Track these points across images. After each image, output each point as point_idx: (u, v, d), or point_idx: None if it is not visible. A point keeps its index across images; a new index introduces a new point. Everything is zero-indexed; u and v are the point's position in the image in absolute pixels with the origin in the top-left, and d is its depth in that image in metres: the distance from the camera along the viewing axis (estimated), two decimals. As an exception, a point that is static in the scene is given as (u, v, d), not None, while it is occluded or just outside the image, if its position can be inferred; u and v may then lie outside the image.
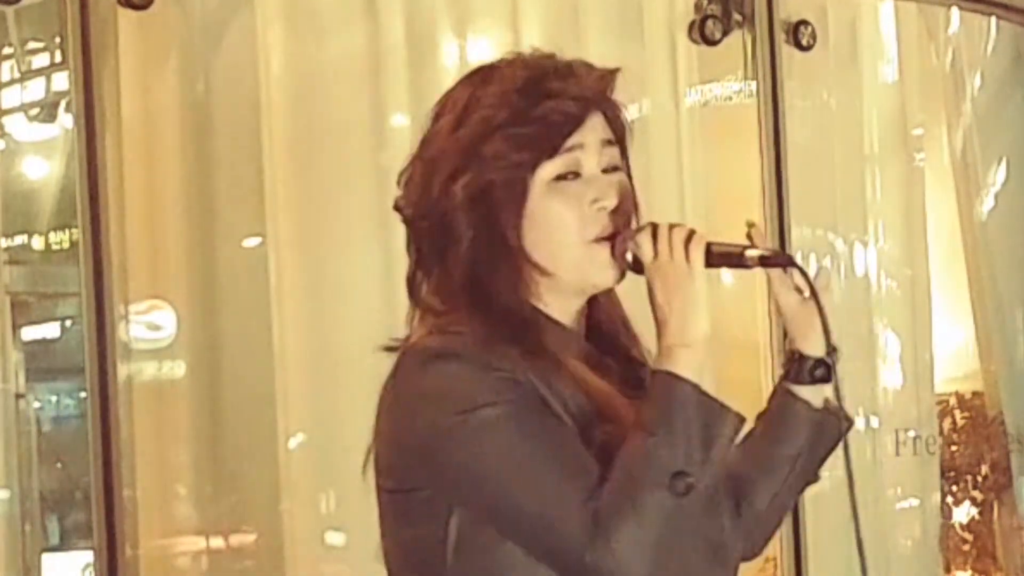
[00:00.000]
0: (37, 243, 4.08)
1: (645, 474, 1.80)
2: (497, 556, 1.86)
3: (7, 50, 3.79)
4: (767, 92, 4.20)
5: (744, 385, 4.30)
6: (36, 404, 4.36)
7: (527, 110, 1.91)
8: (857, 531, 2.08)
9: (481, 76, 1.97)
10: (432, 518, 1.89)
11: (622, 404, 1.90)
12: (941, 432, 4.90)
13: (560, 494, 1.81)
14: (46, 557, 4.23)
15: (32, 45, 3.85)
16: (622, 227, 1.94)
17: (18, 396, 3.69)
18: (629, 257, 1.94)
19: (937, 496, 4.77)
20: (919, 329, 4.67)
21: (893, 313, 4.65)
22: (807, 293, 2.07)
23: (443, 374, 1.88)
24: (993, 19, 4.88)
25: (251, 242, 3.64)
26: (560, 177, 1.92)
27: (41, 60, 3.87)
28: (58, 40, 3.54)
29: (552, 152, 1.91)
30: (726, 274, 4.55)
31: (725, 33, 4.17)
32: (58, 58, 3.63)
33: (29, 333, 4.30)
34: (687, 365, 1.88)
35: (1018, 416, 4.96)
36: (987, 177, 4.94)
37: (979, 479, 5.09)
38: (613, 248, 1.93)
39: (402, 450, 1.91)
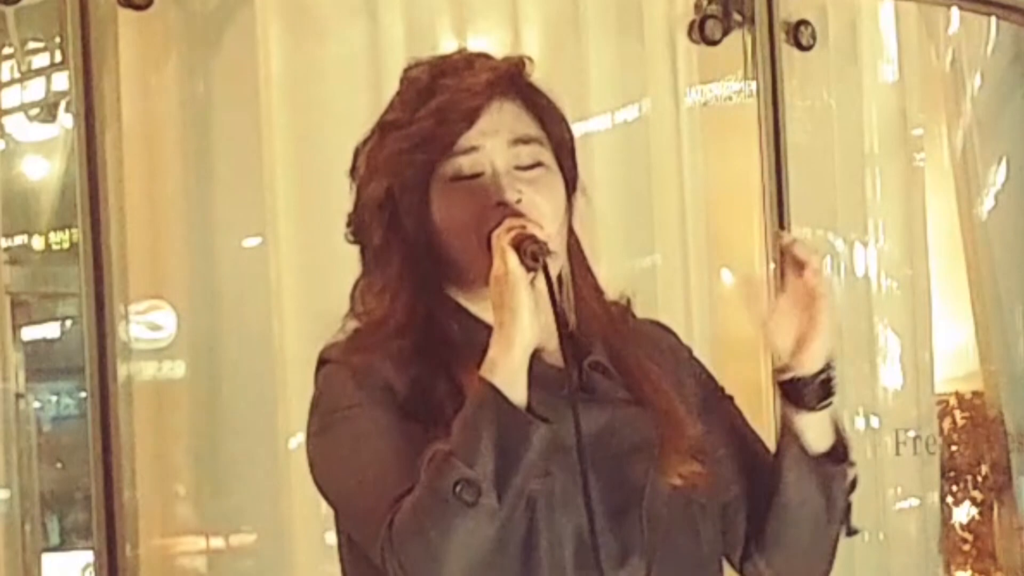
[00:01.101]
0: (37, 243, 4.08)
1: (433, 483, 1.72)
2: (369, 562, 1.84)
3: (7, 50, 3.79)
4: (767, 92, 4.20)
5: (744, 385, 4.30)
6: (36, 404, 4.37)
7: (418, 109, 1.87)
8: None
9: (395, 93, 1.96)
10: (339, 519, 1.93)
11: None
12: (941, 432, 4.90)
13: (373, 503, 1.78)
14: (46, 557, 4.23)
15: (32, 45, 3.84)
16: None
17: (18, 396, 3.69)
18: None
19: (937, 496, 4.77)
20: (919, 329, 4.67)
21: (893, 313, 4.64)
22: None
23: (321, 379, 1.92)
24: (993, 19, 4.88)
25: (251, 242, 3.64)
26: (458, 178, 1.87)
27: (41, 60, 3.87)
28: (58, 40, 3.54)
29: (446, 151, 1.86)
30: (726, 274, 4.58)
31: (725, 33, 4.17)
32: (58, 58, 3.63)
33: (29, 333, 4.30)
34: (500, 370, 1.75)
35: (1018, 416, 4.96)
36: (987, 177, 4.94)
37: (979, 479, 5.09)
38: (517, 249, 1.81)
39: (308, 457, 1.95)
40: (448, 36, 3.83)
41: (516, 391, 1.75)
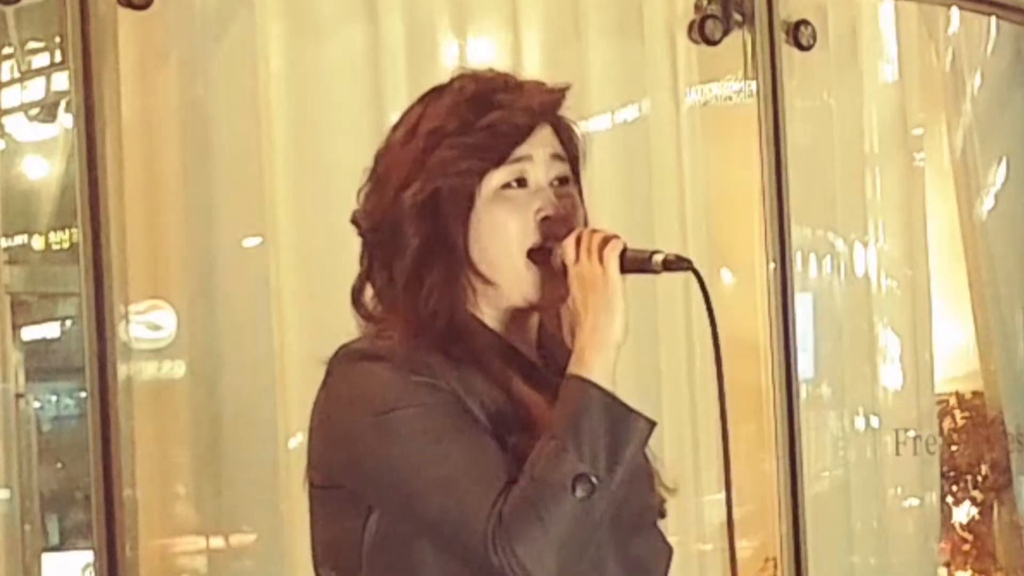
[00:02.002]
0: (37, 243, 4.08)
1: (548, 477, 1.81)
2: (412, 556, 1.89)
3: (7, 50, 3.79)
4: (767, 92, 4.20)
5: (744, 385, 4.30)
6: (36, 404, 4.36)
7: (474, 120, 1.96)
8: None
9: (434, 93, 2.03)
10: (352, 516, 1.93)
11: (547, 415, 1.91)
12: (941, 432, 4.90)
13: (468, 496, 1.83)
14: (46, 557, 4.23)
15: (32, 45, 3.84)
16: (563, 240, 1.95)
17: (18, 396, 3.69)
18: (558, 263, 1.94)
19: (937, 496, 4.77)
20: (919, 329, 4.67)
21: (893, 313, 4.65)
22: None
23: (366, 375, 1.93)
24: (993, 19, 4.88)
25: (251, 242, 3.64)
26: (507, 186, 1.96)
27: (41, 60, 3.87)
28: (58, 40, 3.54)
29: (499, 161, 1.95)
30: (726, 274, 4.58)
31: (725, 33, 4.17)
32: (58, 58, 3.63)
33: (29, 333, 4.30)
34: (598, 369, 1.87)
35: (1018, 416, 4.96)
36: (987, 177, 4.94)
37: (979, 479, 5.09)
38: (549, 260, 1.94)
39: (327, 448, 1.97)
40: (448, 36, 3.83)
41: (611, 386, 1.86)
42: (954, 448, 5.07)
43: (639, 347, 4.08)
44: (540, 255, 1.96)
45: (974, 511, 5.10)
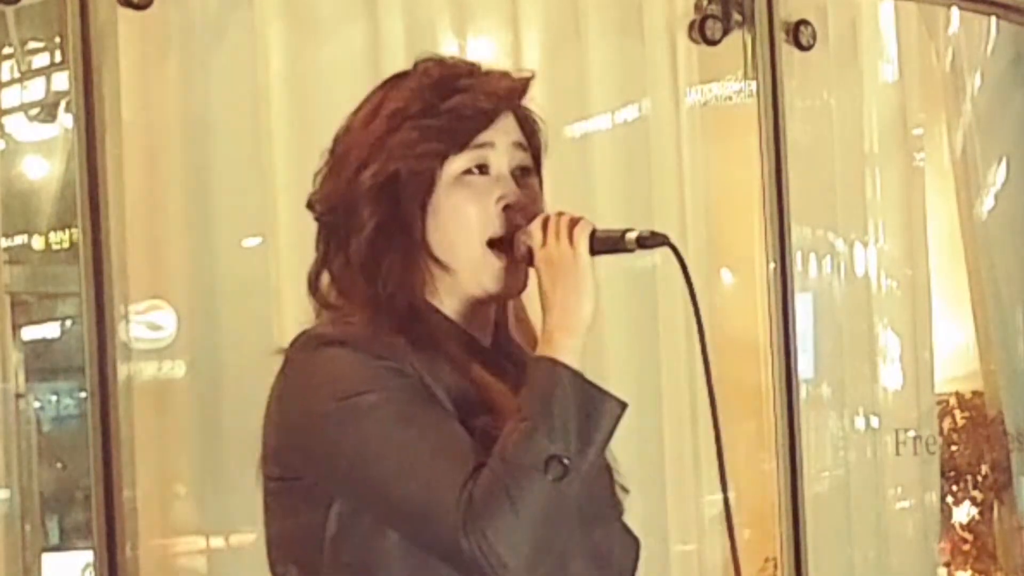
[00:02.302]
0: (37, 243, 4.07)
1: (519, 458, 1.78)
2: (375, 547, 1.85)
3: (7, 50, 3.79)
4: (767, 92, 4.20)
5: (744, 385, 4.30)
6: (36, 404, 4.36)
7: (438, 103, 1.93)
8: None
9: (397, 78, 2.00)
10: (313, 507, 1.88)
11: (509, 399, 1.88)
12: (941, 432, 4.90)
13: (436, 480, 1.80)
14: (46, 557, 4.22)
15: (32, 45, 3.84)
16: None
17: (18, 396, 3.69)
18: (523, 249, 1.92)
19: (937, 496, 4.77)
20: (919, 329, 4.67)
21: (893, 313, 4.65)
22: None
23: (327, 361, 1.89)
24: (993, 19, 4.88)
25: (251, 242, 3.64)
26: (468, 172, 1.93)
27: (41, 60, 3.86)
28: (58, 40, 3.54)
29: (461, 146, 1.92)
30: (726, 274, 4.58)
31: (725, 33, 4.17)
32: (58, 58, 3.63)
33: (29, 333, 4.30)
34: (568, 351, 1.85)
35: (1018, 416, 4.96)
36: (987, 177, 4.94)
37: (979, 479, 5.09)
38: (512, 249, 1.92)
39: (286, 437, 1.92)
40: (448, 36, 3.83)
41: (581, 369, 1.84)
42: (954, 448, 5.07)
43: (639, 345, 4.08)
44: (501, 244, 1.93)
45: (974, 511, 5.10)
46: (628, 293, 4.07)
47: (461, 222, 1.93)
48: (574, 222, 1.91)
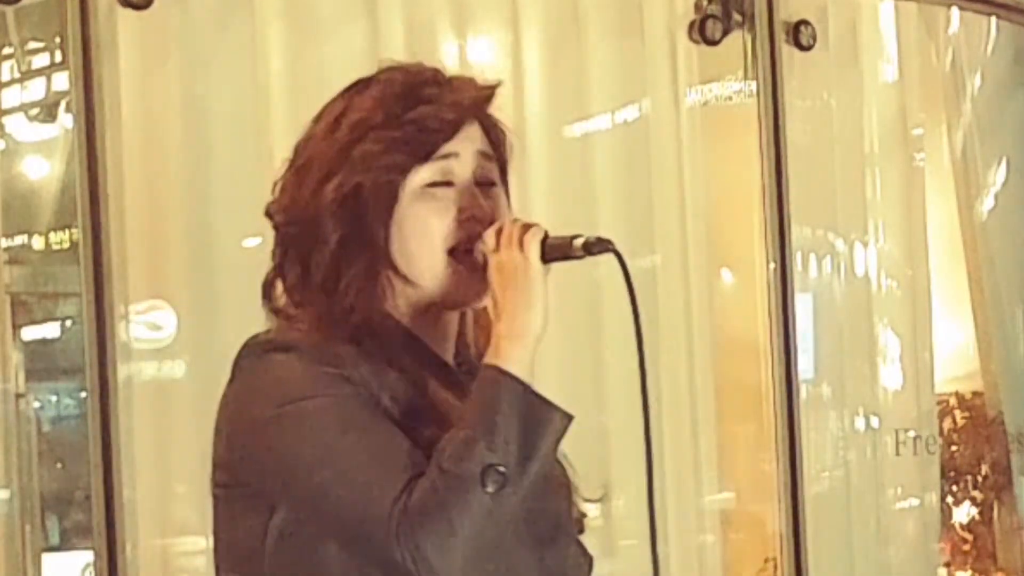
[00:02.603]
0: (37, 243, 4.08)
1: (456, 468, 1.74)
2: (316, 556, 1.82)
3: (7, 50, 3.79)
4: (767, 92, 4.20)
5: (744, 385, 4.30)
6: (36, 404, 4.36)
7: (401, 114, 1.90)
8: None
9: (360, 85, 1.97)
10: (256, 515, 1.86)
11: (460, 412, 1.84)
12: (941, 432, 4.90)
13: (372, 488, 1.76)
14: (46, 557, 4.22)
15: (32, 45, 3.84)
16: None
17: (18, 396, 3.69)
18: (482, 257, 1.88)
19: (937, 496, 4.77)
20: (919, 329, 4.67)
21: (893, 313, 4.65)
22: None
23: (272, 366, 1.87)
24: (993, 19, 4.88)
25: (251, 242, 3.64)
26: (432, 184, 1.90)
27: (41, 60, 3.86)
28: (58, 40, 3.54)
29: (425, 157, 1.89)
30: (726, 274, 4.57)
31: (725, 33, 4.17)
32: (58, 58, 3.63)
33: (29, 333, 4.30)
34: (514, 360, 1.79)
35: (1018, 416, 4.96)
36: (987, 177, 4.94)
37: (979, 479, 5.09)
38: (471, 257, 1.88)
39: (231, 444, 1.90)
40: (448, 36, 3.83)
41: (528, 377, 1.79)
42: (954, 448, 5.08)
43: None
44: (461, 253, 1.89)
45: (974, 511, 5.10)
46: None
47: (424, 234, 1.89)
48: (526, 229, 1.86)
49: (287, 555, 1.84)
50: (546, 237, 1.85)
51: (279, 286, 1.97)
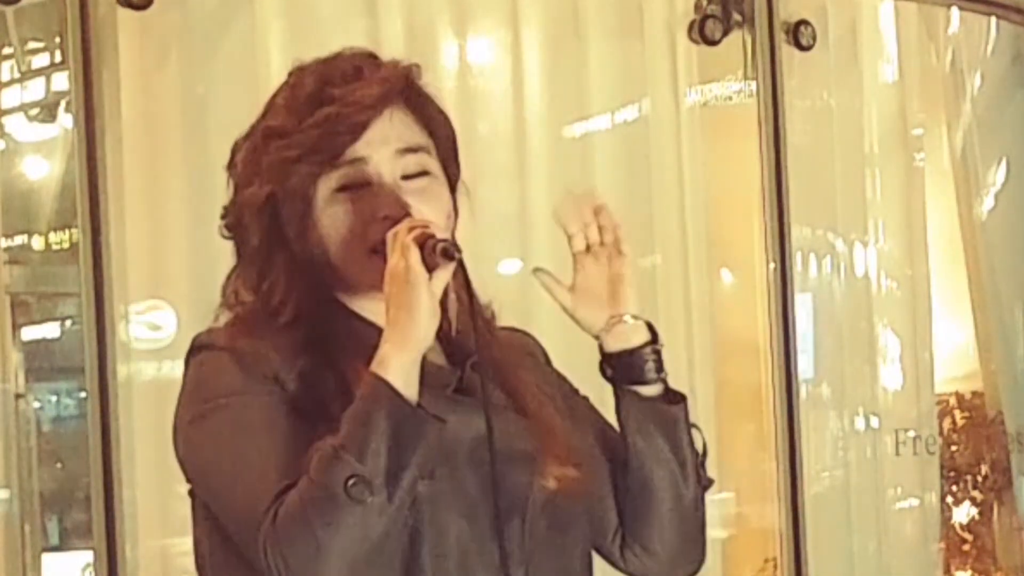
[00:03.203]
0: (37, 243, 4.08)
1: (322, 477, 1.69)
2: (241, 556, 1.80)
3: (7, 50, 3.79)
4: (767, 92, 4.20)
5: (744, 385, 4.30)
6: (36, 404, 4.36)
7: (305, 117, 1.86)
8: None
9: (281, 87, 1.94)
10: (203, 516, 1.88)
11: None
12: (941, 432, 4.90)
13: (252, 495, 1.74)
14: (46, 557, 4.22)
15: (32, 45, 3.84)
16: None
17: (18, 396, 3.69)
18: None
19: (937, 496, 4.77)
20: (919, 329, 4.67)
21: (893, 313, 4.64)
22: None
23: (199, 365, 1.88)
24: (993, 19, 4.88)
25: (251, 242, 3.64)
26: (343, 188, 1.86)
27: (41, 60, 3.86)
28: (58, 40, 3.54)
29: (331, 163, 1.85)
30: (726, 274, 4.57)
31: (725, 33, 4.17)
32: (58, 58, 3.63)
33: (29, 333, 4.29)
34: (394, 368, 1.73)
35: (1018, 416, 4.96)
36: (987, 177, 4.94)
37: (979, 479, 5.09)
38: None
39: (175, 444, 1.93)
40: (448, 36, 3.83)
41: (409, 388, 1.74)
42: (954, 448, 5.07)
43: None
44: (383, 250, 1.82)
45: (974, 511, 5.10)
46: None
47: (341, 237, 1.85)
48: (412, 233, 1.78)
49: (220, 554, 1.86)
50: (426, 243, 1.77)
51: (235, 285, 1.98)
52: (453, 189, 1.95)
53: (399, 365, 1.74)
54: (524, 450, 1.89)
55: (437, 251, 1.77)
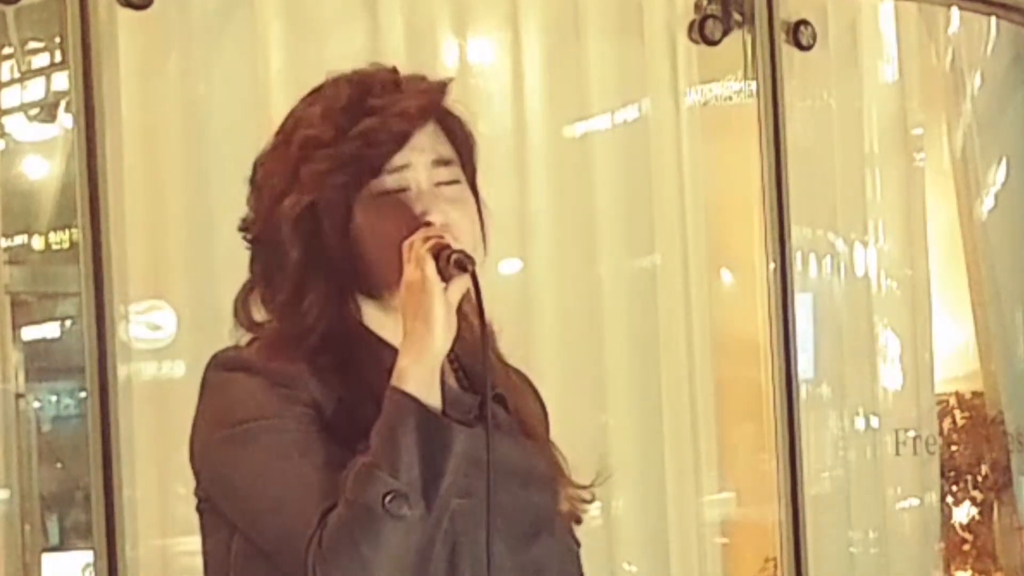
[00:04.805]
0: (37, 243, 4.07)
1: (360, 497, 1.71)
2: (270, 573, 1.82)
3: (7, 50, 3.79)
4: (767, 92, 4.20)
5: (744, 385, 4.30)
6: (36, 404, 4.36)
7: (347, 128, 1.86)
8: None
9: (311, 96, 1.94)
10: (222, 531, 1.88)
11: None
12: (941, 432, 4.90)
13: (296, 519, 1.75)
14: (46, 557, 4.22)
15: (32, 45, 3.84)
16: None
17: (18, 396, 3.69)
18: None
19: (937, 496, 4.77)
20: (919, 329, 4.67)
21: (893, 313, 4.65)
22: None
23: (228, 385, 1.87)
24: (993, 19, 4.88)
25: (251, 242, 3.63)
26: (385, 194, 1.87)
27: (41, 60, 3.86)
28: (58, 40, 3.54)
29: (375, 172, 1.86)
30: (726, 274, 4.57)
31: (725, 33, 4.17)
32: (58, 58, 3.63)
33: (29, 333, 4.29)
34: (414, 379, 1.75)
35: (1018, 416, 4.96)
36: (987, 177, 4.94)
37: (979, 479, 5.09)
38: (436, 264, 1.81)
39: (196, 460, 1.91)
40: (448, 36, 3.83)
41: (432, 398, 1.76)
42: (954, 448, 5.07)
43: (639, 347, 4.08)
44: None
45: (974, 511, 5.09)
46: (628, 294, 4.07)
47: (382, 243, 1.85)
48: (427, 243, 1.80)
49: (244, 571, 1.86)
50: (440, 252, 1.79)
51: (253, 300, 1.96)
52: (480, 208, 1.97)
53: (418, 376, 1.76)
54: (542, 474, 1.94)
55: (451, 262, 1.78)
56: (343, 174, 1.86)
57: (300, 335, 1.87)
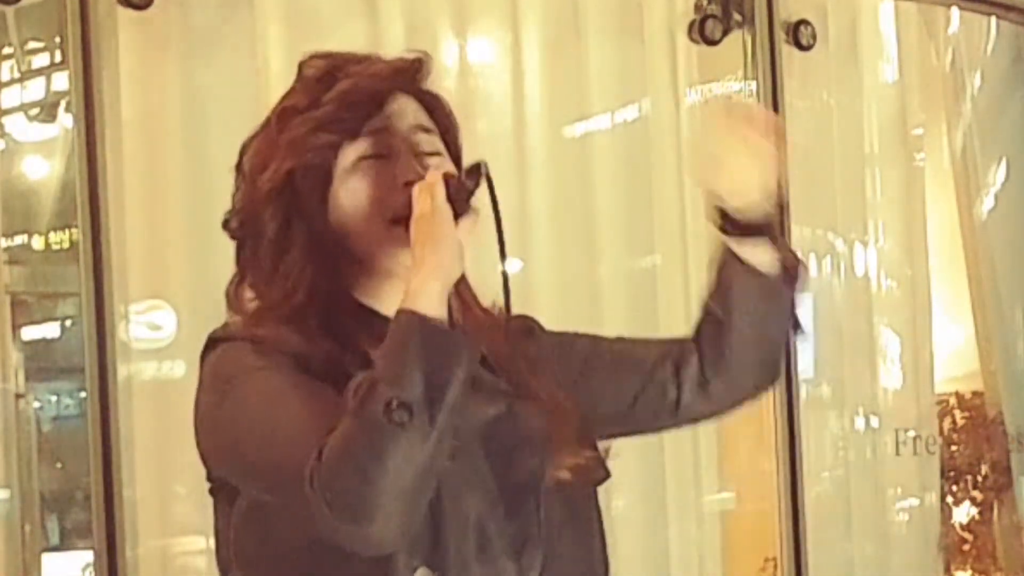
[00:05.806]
0: (37, 243, 4.08)
1: (363, 407, 1.67)
2: (270, 530, 1.82)
3: (7, 50, 3.79)
4: (767, 92, 4.20)
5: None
6: (36, 404, 4.36)
7: (323, 93, 1.88)
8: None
9: (291, 85, 1.96)
10: (224, 507, 1.88)
11: None
12: (941, 432, 4.90)
13: (295, 445, 1.71)
14: (46, 557, 4.23)
15: (32, 45, 3.85)
16: None
17: (18, 396, 3.69)
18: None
19: (937, 496, 4.77)
20: (919, 329, 4.67)
21: (893, 313, 4.65)
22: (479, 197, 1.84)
23: (215, 358, 1.88)
24: (993, 19, 4.88)
25: (251, 242, 3.63)
26: (365, 158, 1.87)
27: (41, 60, 3.87)
28: (58, 40, 3.54)
29: (353, 133, 1.87)
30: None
31: (725, 33, 4.17)
32: (58, 58, 3.63)
33: (29, 333, 4.30)
34: (423, 298, 1.72)
35: (1018, 416, 4.96)
36: (987, 177, 4.94)
37: (979, 479, 5.09)
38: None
39: (198, 441, 1.90)
40: (448, 36, 3.83)
41: (439, 314, 1.73)
42: (954, 448, 5.07)
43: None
44: (405, 221, 1.81)
45: (974, 511, 5.10)
46: (628, 294, 4.07)
47: (362, 206, 1.86)
48: (444, 173, 1.81)
49: (248, 532, 1.86)
50: (450, 181, 1.79)
51: (243, 292, 1.97)
52: None
53: (427, 293, 1.73)
54: (532, 436, 1.90)
55: (463, 190, 1.79)
56: (321, 135, 1.87)
57: (280, 301, 1.88)
